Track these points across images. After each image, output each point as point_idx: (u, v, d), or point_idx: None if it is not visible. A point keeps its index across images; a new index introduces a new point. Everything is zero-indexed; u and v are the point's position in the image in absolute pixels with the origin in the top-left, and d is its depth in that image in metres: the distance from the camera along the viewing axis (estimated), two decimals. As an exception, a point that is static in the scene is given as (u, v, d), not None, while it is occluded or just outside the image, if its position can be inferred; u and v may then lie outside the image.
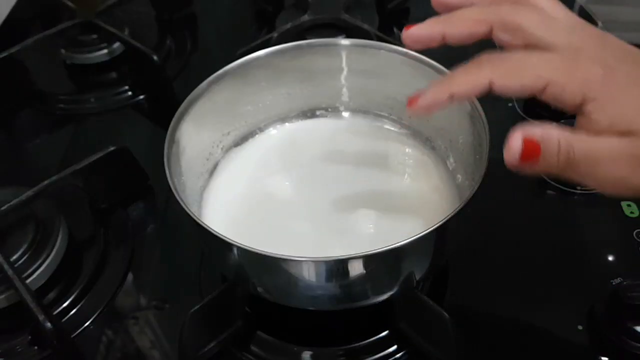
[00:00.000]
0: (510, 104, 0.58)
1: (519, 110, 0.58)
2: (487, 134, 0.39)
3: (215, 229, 0.35)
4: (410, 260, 0.37)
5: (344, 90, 0.51)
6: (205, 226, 0.35)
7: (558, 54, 0.31)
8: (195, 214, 0.36)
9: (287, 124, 0.52)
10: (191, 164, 0.45)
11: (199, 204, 0.46)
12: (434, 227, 0.35)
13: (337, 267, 0.35)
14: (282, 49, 0.48)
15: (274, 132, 0.52)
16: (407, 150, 0.50)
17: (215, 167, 0.49)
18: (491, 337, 0.43)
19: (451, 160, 0.47)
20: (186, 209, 0.36)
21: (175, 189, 0.38)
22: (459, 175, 0.46)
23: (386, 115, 0.51)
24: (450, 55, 0.41)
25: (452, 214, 0.35)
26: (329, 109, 0.52)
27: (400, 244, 0.34)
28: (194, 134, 0.45)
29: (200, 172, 0.47)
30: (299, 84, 0.51)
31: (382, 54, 0.47)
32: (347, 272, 0.36)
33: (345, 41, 0.48)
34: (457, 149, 0.46)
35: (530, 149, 0.29)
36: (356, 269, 0.35)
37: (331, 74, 0.50)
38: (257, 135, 0.51)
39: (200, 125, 0.45)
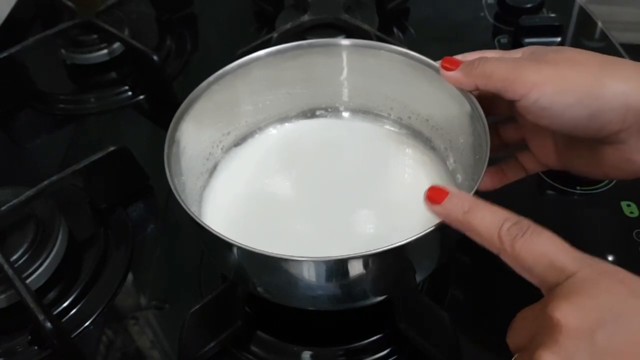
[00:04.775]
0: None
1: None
2: (487, 135, 0.39)
3: (215, 229, 0.35)
4: (410, 260, 0.37)
5: (344, 90, 0.51)
6: (206, 226, 0.35)
7: None
8: (195, 214, 0.36)
9: (287, 124, 0.52)
10: (191, 163, 0.45)
11: (198, 203, 0.46)
12: (434, 226, 0.35)
13: (337, 267, 0.35)
14: (282, 49, 0.48)
15: (274, 132, 0.52)
16: (407, 150, 0.49)
17: (215, 167, 0.49)
18: (491, 337, 0.43)
19: (451, 160, 0.47)
20: (186, 208, 0.36)
21: (176, 189, 0.38)
22: (458, 176, 0.46)
23: (386, 115, 0.51)
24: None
25: None
26: (329, 109, 0.52)
27: (401, 243, 0.34)
28: (194, 134, 0.45)
29: (200, 172, 0.47)
30: (299, 84, 0.50)
31: (382, 54, 0.47)
32: (347, 272, 0.36)
33: (345, 41, 0.48)
34: (457, 150, 0.46)
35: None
36: (356, 268, 0.35)
37: (331, 74, 0.50)
38: (257, 135, 0.51)
39: (200, 125, 0.45)
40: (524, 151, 0.43)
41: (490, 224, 0.32)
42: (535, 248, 0.31)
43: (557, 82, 0.35)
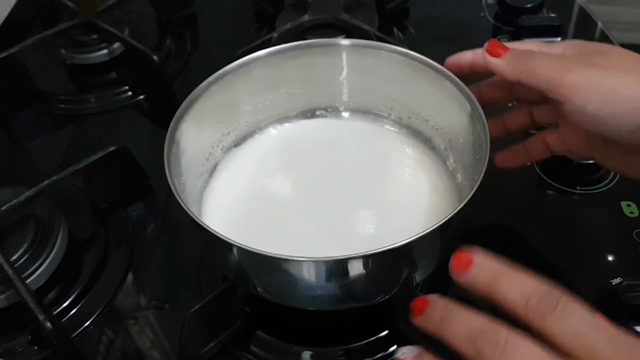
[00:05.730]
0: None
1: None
2: (487, 134, 0.39)
3: (215, 229, 0.35)
4: (410, 260, 0.37)
5: (344, 90, 0.51)
6: (205, 226, 0.35)
7: None
8: (195, 214, 0.36)
9: (286, 124, 0.52)
10: (191, 164, 0.45)
11: (198, 203, 0.46)
12: (434, 226, 0.35)
13: (337, 267, 0.35)
14: (282, 49, 0.48)
15: (274, 132, 0.52)
16: (407, 150, 0.49)
17: (215, 167, 0.49)
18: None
19: (451, 160, 0.47)
20: (186, 209, 0.36)
21: (175, 189, 0.38)
22: (458, 175, 0.46)
23: (386, 115, 0.51)
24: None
25: (453, 214, 0.35)
26: (329, 109, 0.52)
27: (401, 243, 0.34)
28: (194, 134, 0.45)
29: (200, 172, 0.47)
30: (298, 84, 0.51)
31: (382, 54, 0.47)
32: (347, 272, 0.36)
33: (345, 41, 0.48)
34: (456, 149, 0.46)
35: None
36: (356, 269, 0.35)
37: (331, 74, 0.50)
38: (257, 135, 0.51)
39: (200, 125, 0.45)
40: (552, 131, 0.42)
41: (516, 299, 0.30)
42: (567, 328, 0.28)
43: (605, 90, 0.33)
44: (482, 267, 0.31)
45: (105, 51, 0.69)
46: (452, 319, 0.31)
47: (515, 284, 0.30)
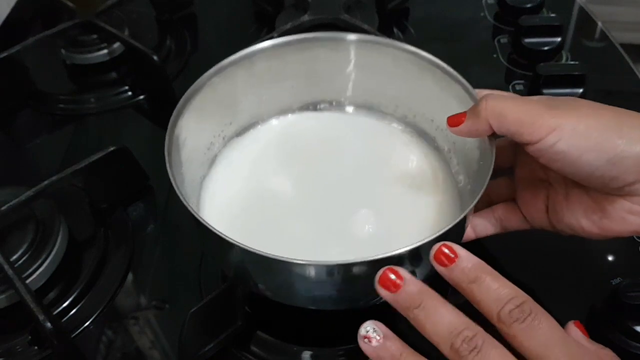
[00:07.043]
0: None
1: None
2: (493, 142, 0.39)
3: (213, 222, 0.35)
4: (411, 264, 0.37)
5: (349, 85, 0.51)
6: (205, 223, 0.35)
7: None
8: (194, 205, 0.36)
9: (289, 115, 0.51)
10: (192, 154, 0.45)
11: (198, 193, 0.46)
12: (436, 235, 0.34)
13: (339, 271, 0.35)
14: (288, 41, 0.47)
15: (276, 124, 0.51)
16: (410, 149, 0.49)
17: (215, 156, 0.49)
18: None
19: (454, 162, 0.47)
20: (187, 205, 0.36)
21: (175, 183, 0.37)
22: (461, 178, 0.46)
23: (391, 112, 0.51)
24: (457, 54, 0.41)
25: (453, 224, 0.35)
26: (333, 103, 0.52)
27: (401, 251, 0.33)
28: (196, 124, 0.44)
29: (201, 162, 0.47)
30: (303, 77, 0.50)
31: (389, 51, 0.47)
32: (348, 275, 0.35)
33: (352, 36, 0.48)
34: (460, 152, 0.46)
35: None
36: (357, 273, 0.35)
37: (336, 68, 0.49)
38: (259, 126, 0.51)
39: (202, 115, 0.45)
40: (509, 207, 0.43)
41: (493, 301, 0.31)
42: (534, 338, 0.30)
43: (577, 126, 0.34)
44: (467, 264, 0.32)
45: (105, 51, 0.69)
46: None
47: (495, 287, 0.31)
